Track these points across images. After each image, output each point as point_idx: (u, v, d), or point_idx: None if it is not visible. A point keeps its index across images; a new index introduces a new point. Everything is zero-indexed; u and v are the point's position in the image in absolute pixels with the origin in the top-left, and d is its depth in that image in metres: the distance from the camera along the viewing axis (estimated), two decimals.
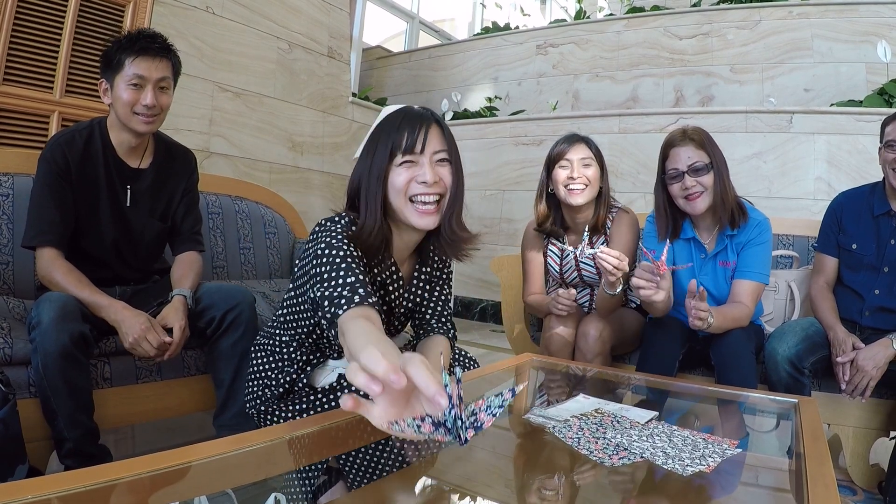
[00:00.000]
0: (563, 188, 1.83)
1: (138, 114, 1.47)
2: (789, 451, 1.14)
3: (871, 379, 1.57)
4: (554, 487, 0.91)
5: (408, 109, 1.13)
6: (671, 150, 1.72)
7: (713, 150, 1.69)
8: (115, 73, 1.45)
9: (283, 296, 1.26)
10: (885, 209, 1.76)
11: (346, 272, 0.99)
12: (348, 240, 1.07)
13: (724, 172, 1.70)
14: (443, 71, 6.04)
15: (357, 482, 0.90)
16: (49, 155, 1.45)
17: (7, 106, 2.38)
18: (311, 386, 1.21)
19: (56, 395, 1.22)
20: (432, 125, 1.10)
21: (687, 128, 1.73)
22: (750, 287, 1.71)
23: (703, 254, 1.79)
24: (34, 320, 1.23)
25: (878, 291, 1.75)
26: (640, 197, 4.03)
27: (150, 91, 1.46)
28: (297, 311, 1.21)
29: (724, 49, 4.67)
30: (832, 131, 3.50)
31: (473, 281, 4.66)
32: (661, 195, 1.78)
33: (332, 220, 1.12)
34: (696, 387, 1.63)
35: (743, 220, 1.71)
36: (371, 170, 1.09)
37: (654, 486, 0.92)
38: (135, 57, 1.44)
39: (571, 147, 1.83)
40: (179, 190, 1.66)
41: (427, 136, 1.08)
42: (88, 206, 1.49)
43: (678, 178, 1.69)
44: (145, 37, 1.47)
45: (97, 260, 1.52)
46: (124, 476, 0.72)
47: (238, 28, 3.77)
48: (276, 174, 4.09)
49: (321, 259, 1.03)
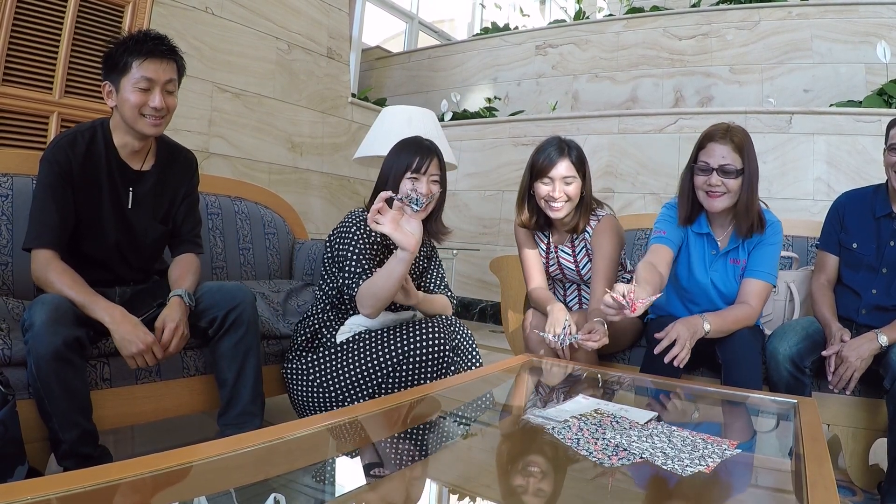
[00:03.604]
0: (543, 201, 1.86)
1: (146, 116, 1.46)
2: (789, 451, 1.14)
3: (854, 370, 1.59)
4: (553, 488, 0.91)
5: (422, 143, 1.68)
6: (708, 144, 1.69)
7: (749, 157, 1.67)
8: (122, 76, 1.44)
9: (321, 271, 1.76)
10: (887, 211, 1.77)
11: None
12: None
13: (753, 181, 1.67)
14: (442, 71, 6.04)
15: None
16: (51, 156, 1.43)
17: (6, 106, 2.37)
18: (332, 340, 1.66)
19: (50, 396, 1.21)
20: (434, 157, 1.65)
21: (732, 126, 1.70)
22: (758, 287, 1.71)
23: (714, 250, 1.78)
24: (27, 322, 1.23)
25: (876, 291, 1.76)
26: (640, 197, 4.04)
27: (157, 93, 1.46)
28: (328, 279, 1.71)
29: (724, 49, 4.68)
30: (832, 132, 3.50)
31: (473, 281, 4.66)
32: (686, 182, 1.76)
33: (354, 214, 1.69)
34: (695, 387, 1.63)
35: (760, 231, 1.71)
36: (392, 174, 1.64)
37: (653, 487, 0.92)
38: (143, 60, 1.43)
39: (554, 164, 1.82)
40: (181, 192, 1.65)
41: (429, 165, 1.64)
42: (90, 208, 1.48)
43: (706, 172, 1.67)
44: (152, 39, 1.46)
45: (98, 261, 1.51)
46: (124, 477, 0.72)
47: (237, 28, 3.77)
48: (275, 175, 4.09)
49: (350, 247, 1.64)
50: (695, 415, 1.44)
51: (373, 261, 1.62)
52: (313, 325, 1.70)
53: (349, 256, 1.60)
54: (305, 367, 1.63)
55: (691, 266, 1.81)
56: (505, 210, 4.59)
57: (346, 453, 0.96)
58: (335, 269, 1.68)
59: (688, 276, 1.82)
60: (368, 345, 1.56)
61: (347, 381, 1.55)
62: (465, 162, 4.78)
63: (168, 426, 1.91)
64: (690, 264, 1.81)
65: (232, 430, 1.45)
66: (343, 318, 1.69)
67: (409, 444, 0.98)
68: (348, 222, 1.66)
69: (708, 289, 1.79)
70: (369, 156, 3.07)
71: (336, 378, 1.56)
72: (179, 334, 1.41)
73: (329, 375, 1.57)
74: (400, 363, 1.53)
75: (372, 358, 1.54)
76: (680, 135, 3.96)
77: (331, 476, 0.93)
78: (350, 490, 0.89)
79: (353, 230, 1.63)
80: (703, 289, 1.79)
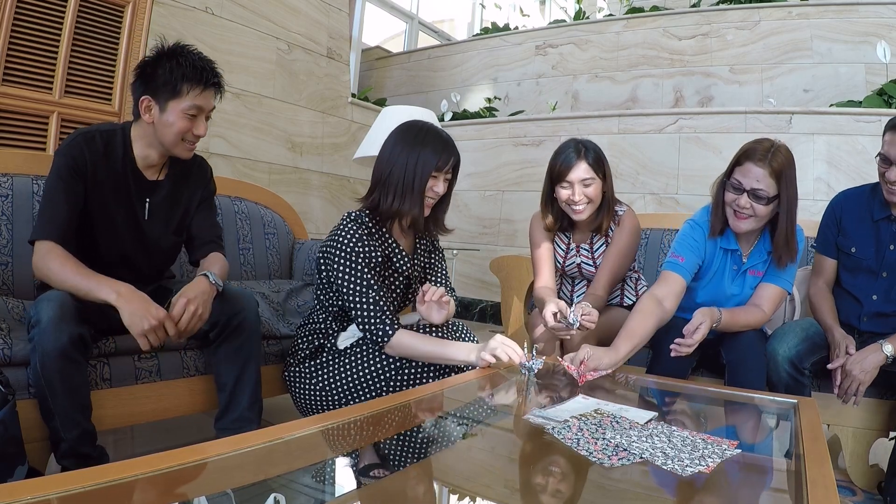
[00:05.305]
0: (565, 205, 1.85)
1: (186, 141, 1.47)
2: (789, 451, 1.14)
3: (860, 384, 1.56)
4: (553, 488, 0.91)
5: (441, 134, 1.60)
6: (746, 162, 1.60)
7: (787, 183, 1.59)
8: (171, 99, 1.41)
9: (315, 281, 1.67)
10: (886, 213, 1.73)
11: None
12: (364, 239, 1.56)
13: (792, 209, 1.61)
14: (442, 71, 6.04)
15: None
16: (66, 150, 1.41)
17: (6, 107, 2.37)
18: (334, 346, 1.62)
19: (53, 394, 1.21)
20: (456, 153, 1.60)
21: (776, 146, 1.61)
22: (774, 292, 1.70)
23: (737, 265, 1.76)
24: (33, 319, 1.23)
25: (876, 297, 1.73)
26: (640, 197, 4.04)
27: (202, 121, 1.46)
28: (326, 293, 1.63)
29: (724, 49, 4.68)
30: (831, 132, 3.50)
31: (473, 281, 4.66)
32: (720, 194, 1.71)
33: (351, 221, 1.58)
34: (695, 387, 1.63)
35: (792, 261, 1.67)
36: (417, 170, 1.54)
37: (653, 487, 0.92)
38: (201, 90, 1.43)
39: (572, 167, 1.79)
40: (195, 200, 1.63)
41: (453, 162, 1.59)
42: (102, 211, 1.46)
43: (738, 191, 1.61)
44: (210, 70, 1.45)
45: (108, 265, 1.47)
46: (124, 477, 0.72)
47: (237, 28, 3.77)
48: (275, 175, 4.09)
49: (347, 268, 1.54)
50: (701, 417, 1.44)
51: (373, 270, 1.55)
52: (316, 337, 1.65)
53: (346, 272, 1.52)
54: (308, 371, 1.61)
55: (713, 283, 1.78)
56: (505, 210, 4.59)
57: (346, 453, 0.96)
58: (329, 285, 1.61)
59: (707, 293, 1.79)
60: (371, 350, 1.56)
61: (350, 385, 1.54)
62: (465, 162, 4.73)
63: (168, 426, 1.91)
64: (713, 281, 1.78)
65: (228, 435, 1.44)
66: (345, 325, 1.67)
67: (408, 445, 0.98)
68: (342, 233, 1.56)
69: (727, 302, 1.76)
70: (369, 156, 3.07)
71: (339, 383, 1.55)
72: (192, 310, 1.34)
73: (332, 380, 1.56)
74: (402, 367, 1.52)
75: (374, 362, 1.54)
76: (680, 135, 3.96)
77: (331, 476, 0.93)
78: (350, 490, 0.89)
79: (347, 237, 1.54)
80: (723, 303, 1.76)
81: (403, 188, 1.54)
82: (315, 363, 1.60)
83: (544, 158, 1.94)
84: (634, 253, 1.94)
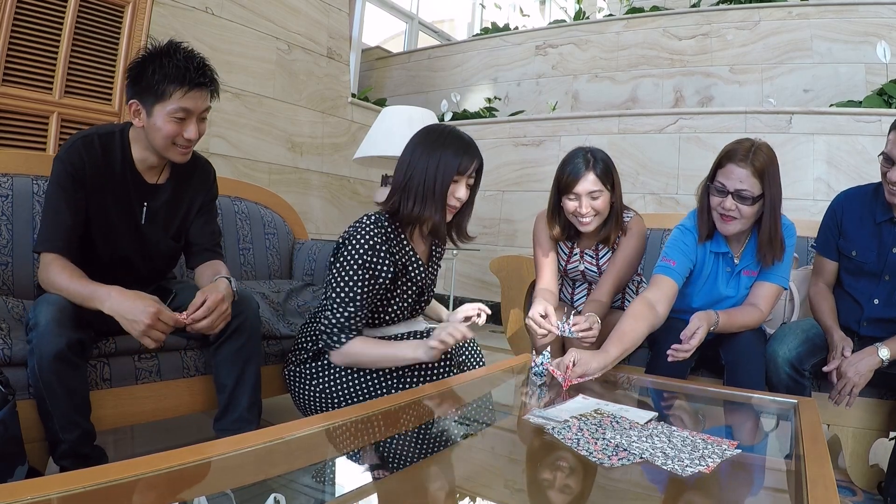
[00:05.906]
0: (572, 216, 1.81)
1: (177, 145, 1.42)
2: (789, 451, 1.14)
3: (854, 386, 1.55)
4: (553, 488, 0.91)
5: (463, 137, 1.54)
6: (728, 164, 1.60)
7: (770, 183, 1.59)
8: (156, 102, 1.36)
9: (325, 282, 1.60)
10: (888, 216, 1.71)
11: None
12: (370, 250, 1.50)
13: (776, 207, 1.60)
14: (442, 71, 6.04)
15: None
16: (65, 156, 1.39)
17: (6, 107, 2.38)
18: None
19: (51, 396, 1.21)
20: (479, 156, 1.55)
21: (756, 145, 1.60)
22: (770, 290, 1.69)
23: (729, 267, 1.75)
24: (32, 321, 1.23)
25: (878, 301, 1.72)
26: (640, 198, 4.03)
27: (193, 124, 1.41)
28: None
29: (724, 49, 4.68)
30: (831, 132, 3.50)
31: (473, 281, 4.66)
32: (705, 199, 1.70)
33: (366, 224, 1.53)
34: (694, 387, 1.63)
35: (779, 259, 1.66)
36: (438, 173, 1.48)
37: (653, 487, 0.92)
38: (186, 92, 1.36)
39: (579, 179, 1.74)
40: (196, 204, 1.61)
41: (476, 166, 1.54)
42: (101, 214, 1.44)
43: (722, 194, 1.60)
44: (196, 68, 1.38)
45: (107, 268, 1.47)
46: (124, 477, 0.72)
47: (237, 29, 3.77)
48: (275, 175, 4.09)
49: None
50: (700, 417, 1.43)
51: (374, 288, 1.51)
52: (321, 338, 1.58)
53: (345, 272, 1.48)
54: (310, 372, 1.60)
55: (707, 286, 1.77)
56: (505, 210, 4.59)
57: (346, 453, 0.96)
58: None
59: (703, 297, 1.79)
60: None
61: (353, 388, 1.53)
62: None
63: (167, 426, 1.90)
64: (707, 285, 1.78)
65: (227, 436, 1.44)
66: None
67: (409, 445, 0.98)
68: (358, 234, 1.50)
69: (723, 304, 1.76)
70: (369, 156, 3.07)
71: (341, 386, 1.54)
72: (224, 308, 1.37)
73: (334, 383, 1.55)
74: (405, 371, 1.51)
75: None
76: (680, 135, 3.96)
77: (331, 476, 0.93)
78: (350, 490, 0.89)
79: (363, 241, 1.49)
80: (720, 306, 1.75)
81: (424, 192, 1.49)
82: (318, 364, 1.59)
83: (544, 158, 1.93)
84: (640, 259, 1.91)
